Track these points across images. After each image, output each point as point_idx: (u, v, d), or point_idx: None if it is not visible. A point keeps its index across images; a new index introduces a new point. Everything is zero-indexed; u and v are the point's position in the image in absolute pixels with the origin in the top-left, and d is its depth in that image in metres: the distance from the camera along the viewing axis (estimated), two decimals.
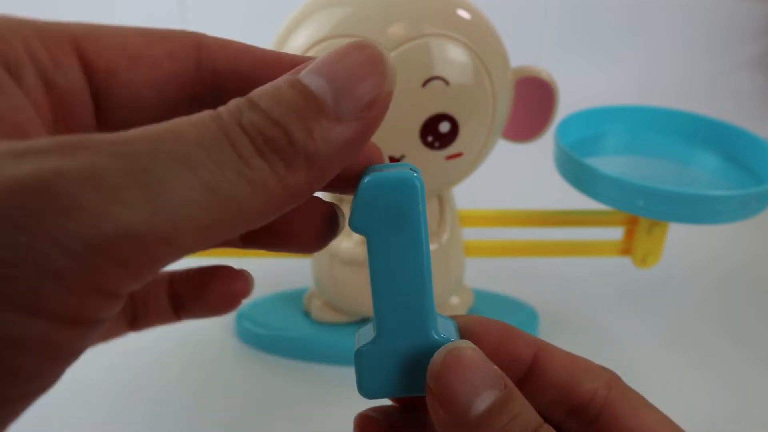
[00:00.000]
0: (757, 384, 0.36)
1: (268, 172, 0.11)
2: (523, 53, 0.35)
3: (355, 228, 0.15)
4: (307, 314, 0.39)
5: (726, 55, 0.86)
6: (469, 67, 0.27)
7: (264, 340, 0.38)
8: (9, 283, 0.09)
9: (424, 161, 0.29)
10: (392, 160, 0.28)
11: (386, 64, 0.13)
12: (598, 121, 0.39)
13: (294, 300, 0.40)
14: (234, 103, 0.12)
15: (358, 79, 0.12)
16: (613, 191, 0.32)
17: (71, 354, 0.10)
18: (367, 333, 0.17)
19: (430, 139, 0.28)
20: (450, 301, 0.37)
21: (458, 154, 0.29)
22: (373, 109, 0.13)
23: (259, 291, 0.41)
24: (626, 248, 0.37)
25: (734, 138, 0.36)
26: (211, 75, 0.14)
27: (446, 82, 0.27)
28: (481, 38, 0.28)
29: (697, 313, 0.42)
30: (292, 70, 0.13)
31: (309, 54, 0.27)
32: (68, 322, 0.10)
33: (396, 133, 0.28)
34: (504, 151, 0.35)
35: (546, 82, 0.30)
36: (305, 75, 0.12)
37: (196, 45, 0.14)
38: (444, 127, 0.28)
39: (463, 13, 0.27)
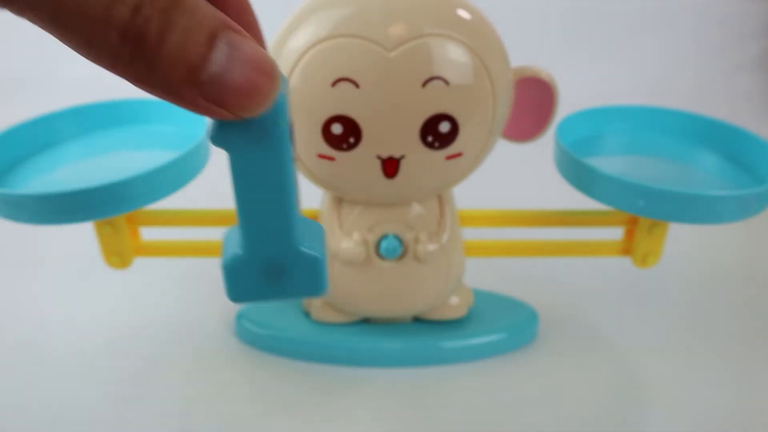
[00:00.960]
0: (758, 384, 0.36)
1: (119, 49, 0.12)
2: (523, 53, 0.35)
3: (214, 142, 0.15)
4: (307, 314, 0.39)
5: (726, 55, 0.86)
6: (469, 67, 0.27)
7: (264, 340, 0.38)
8: None
9: (424, 161, 0.29)
10: (392, 159, 0.28)
11: (272, 92, 0.14)
12: (599, 121, 0.39)
13: (294, 300, 0.40)
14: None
15: (239, 89, 0.13)
16: (614, 191, 0.32)
17: None
18: (233, 237, 0.17)
19: (430, 139, 0.28)
20: (450, 301, 0.37)
21: (458, 154, 0.29)
22: (218, 103, 0.13)
23: None
24: (626, 248, 0.37)
25: (734, 138, 0.36)
26: None
27: (446, 82, 0.27)
28: (481, 38, 0.28)
29: (697, 313, 0.42)
30: (235, 29, 0.13)
31: (309, 54, 0.27)
32: None
33: (396, 133, 0.28)
34: (504, 151, 0.35)
35: (546, 82, 0.30)
36: (222, 44, 0.13)
37: None
38: (444, 127, 0.28)
39: (463, 13, 0.27)
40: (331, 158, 0.29)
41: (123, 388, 0.35)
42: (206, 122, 0.33)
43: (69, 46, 0.12)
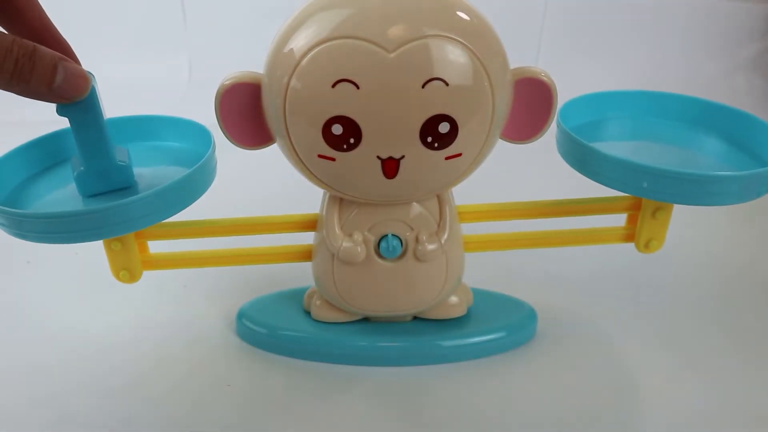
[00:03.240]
0: (756, 382, 0.36)
1: (10, 81, 0.24)
2: (523, 54, 0.35)
3: (60, 113, 0.27)
4: (307, 313, 0.39)
5: (724, 56, 0.86)
6: (468, 68, 0.27)
7: (264, 339, 0.38)
8: None
9: (424, 161, 0.29)
10: (391, 160, 0.29)
11: (87, 86, 0.27)
12: (600, 106, 0.38)
13: (294, 299, 0.40)
14: (29, 43, 0.24)
15: (70, 89, 0.26)
16: (617, 173, 0.31)
17: None
18: (76, 161, 0.30)
19: (429, 139, 0.28)
20: (450, 300, 0.38)
21: (458, 155, 0.29)
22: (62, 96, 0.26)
23: (260, 290, 0.42)
24: (629, 234, 0.37)
25: (737, 122, 0.36)
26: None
27: (446, 83, 0.27)
28: (480, 39, 0.28)
29: (697, 312, 0.43)
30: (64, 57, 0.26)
31: (310, 55, 0.27)
32: None
33: (396, 134, 0.28)
34: (504, 149, 0.35)
35: (545, 82, 0.30)
36: (60, 68, 0.25)
37: None
38: (443, 127, 0.28)
39: (463, 14, 0.28)
40: (331, 158, 0.29)
41: (124, 387, 0.36)
42: (202, 131, 0.33)
43: None
